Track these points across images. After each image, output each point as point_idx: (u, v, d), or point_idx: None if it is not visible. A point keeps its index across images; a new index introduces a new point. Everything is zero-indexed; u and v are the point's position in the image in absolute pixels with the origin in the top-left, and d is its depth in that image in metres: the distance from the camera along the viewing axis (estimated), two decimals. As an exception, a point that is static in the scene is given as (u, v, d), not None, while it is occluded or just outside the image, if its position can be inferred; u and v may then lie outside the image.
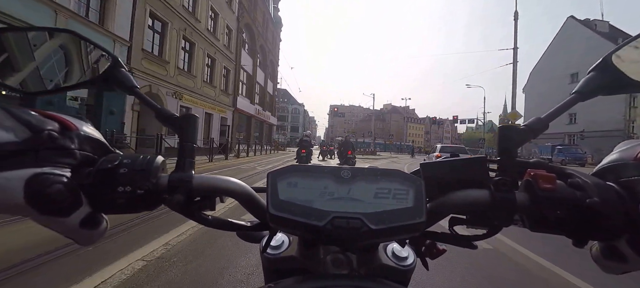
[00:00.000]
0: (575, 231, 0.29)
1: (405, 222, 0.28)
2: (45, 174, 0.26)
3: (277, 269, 0.42)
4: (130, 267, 2.16)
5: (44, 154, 0.27)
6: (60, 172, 0.27)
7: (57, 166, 0.28)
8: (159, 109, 0.37)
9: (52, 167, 0.27)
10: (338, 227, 0.27)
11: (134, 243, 2.60)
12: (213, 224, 0.36)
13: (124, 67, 0.38)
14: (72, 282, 1.89)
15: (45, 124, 0.28)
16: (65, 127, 0.30)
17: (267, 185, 0.31)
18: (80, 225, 0.29)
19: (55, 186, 0.26)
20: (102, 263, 2.16)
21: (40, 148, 0.27)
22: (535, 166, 0.33)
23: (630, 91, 0.34)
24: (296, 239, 0.43)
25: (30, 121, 0.27)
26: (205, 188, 0.34)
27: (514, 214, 0.31)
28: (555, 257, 2.64)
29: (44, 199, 0.26)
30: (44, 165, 0.27)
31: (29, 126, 0.27)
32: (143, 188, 0.30)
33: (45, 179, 0.26)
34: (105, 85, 0.38)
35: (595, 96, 0.35)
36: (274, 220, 0.29)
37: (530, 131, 0.34)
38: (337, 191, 0.30)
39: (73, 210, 0.28)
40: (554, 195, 0.29)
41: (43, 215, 0.27)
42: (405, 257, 0.41)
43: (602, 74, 0.34)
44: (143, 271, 2.13)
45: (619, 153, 0.32)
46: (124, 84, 0.38)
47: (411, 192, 0.30)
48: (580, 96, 0.34)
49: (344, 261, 0.33)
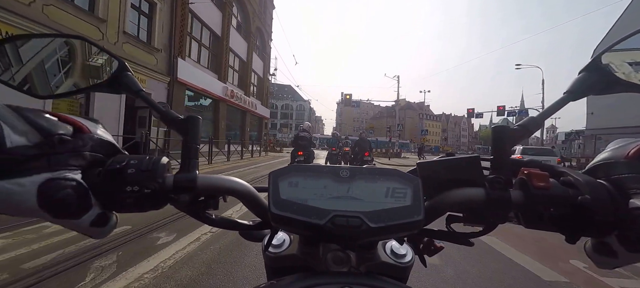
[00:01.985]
0: (568, 228, 0.30)
1: (404, 220, 0.29)
2: (56, 179, 0.27)
3: (279, 267, 0.43)
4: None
5: (56, 158, 0.28)
6: (72, 175, 0.28)
7: (68, 169, 0.29)
8: (164, 111, 0.38)
9: (63, 171, 0.28)
10: (338, 225, 0.28)
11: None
12: (217, 223, 0.37)
13: (130, 71, 0.40)
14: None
15: (57, 127, 0.29)
16: (77, 129, 0.31)
17: (268, 184, 0.32)
18: (92, 224, 0.30)
19: (66, 191, 0.28)
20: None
21: (52, 152, 0.28)
22: (529, 165, 0.33)
23: (620, 90, 0.34)
24: (297, 237, 0.44)
25: (42, 125, 0.28)
26: (209, 187, 0.35)
27: (509, 211, 0.32)
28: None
29: (56, 203, 0.27)
30: (56, 169, 0.28)
31: (41, 130, 0.28)
32: (150, 188, 0.31)
33: (57, 184, 0.27)
34: (111, 88, 0.40)
35: (585, 96, 0.35)
36: (276, 218, 0.30)
37: (524, 130, 0.35)
38: (337, 190, 0.31)
39: (84, 212, 0.29)
40: (547, 192, 0.30)
41: (56, 218, 0.28)
42: (403, 254, 0.42)
43: (593, 75, 0.34)
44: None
45: (611, 151, 0.33)
46: (130, 87, 0.39)
47: (409, 191, 0.31)
48: (571, 96, 0.35)
49: (343, 259, 0.34)
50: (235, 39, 16.88)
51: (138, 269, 2.15)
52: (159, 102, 0.39)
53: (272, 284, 0.31)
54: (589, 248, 0.34)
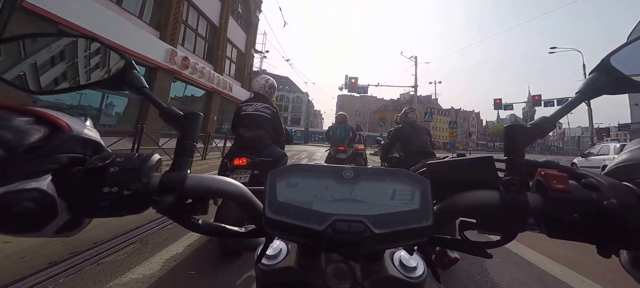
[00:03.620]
0: (597, 237, 0.28)
1: (411, 226, 0.27)
2: (10, 192, 0.25)
3: (272, 283, 0.38)
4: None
5: (13, 168, 0.25)
6: (35, 185, 0.26)
7: (31, 177, 0.26)
8: (165, 108, 0.37)
9: (24, 181, 0.25)
10: (339, 231, 0.26)
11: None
12: (203, 229, 0.34)
13: (136, 69, 0.39)
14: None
15: (25, 136, 0.27)
16: (57, 128, 0.29)
17: (265, 185, 0.29)
18: (57, 232, 0.28)
19: (24, 204, 0.25)
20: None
21: (11, 164, 0.25)
22: (545, 165, 0.32)
23: (630, 90, 0.34)
24: (295, 247, 0.40)
25: (5, 139, 0.26)
26: (199, 189, 0.32)
27: (527, 217, 0.29)
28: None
29: (10, 220, 0.25)
30: (13, 181, 0.25)
31: (4, 145, 0.25)
32: (130, 189, 0.28)
33: (12, 198, 0.25)
34: (114, 85, 0.39)
35: (597, 96, 0.35)
36: (270, 223, 0.28)
37: (538, 130, 0.34)
38: (339, 192, 0.29)
39: (46, 224, 0.27)
40: (568, 196, 0.27)
41: (15, 234, 0.26)
42: (414, 266, 0.37)
43: (603, 75, 0.34)
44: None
45: (630, 152, 0.32)
46: (133, 84, 0.39)
47: (417, 193, 0.29)
48: (583, 96, 0.35)
49: (346, 272, 0.32)
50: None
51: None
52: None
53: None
54: (625, 261, 0.31)
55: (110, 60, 0.42)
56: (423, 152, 3.02)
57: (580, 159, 9.97)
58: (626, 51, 0.34)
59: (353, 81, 20.55)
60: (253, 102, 2.79)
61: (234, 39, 16.10)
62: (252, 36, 18.77)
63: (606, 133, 42.93)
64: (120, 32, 7.78)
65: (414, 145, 3.13)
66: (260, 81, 2.93)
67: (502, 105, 26.95)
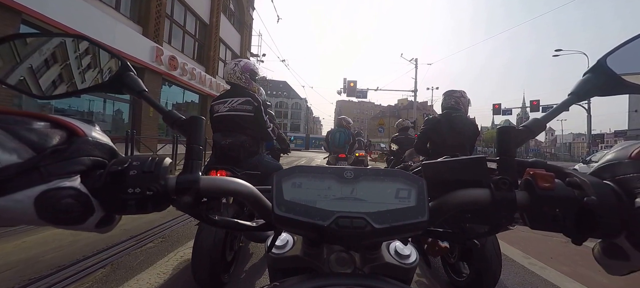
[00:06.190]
0: (574, 229, 0.30)
1: (408, 221, 0.29)
2: (52, 189, 0.27)
3: (282, 268, 0.43)
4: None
5: (49, 169, 0.27)
6: (69, 184, 0.28)
7: (65, 177, 0.28)
8: (167, 112, 0.38)
9: (60, 180, 0.27)
10: (342, 227, 0.28)
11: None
12: (220, 224, 0.37)
13: (133, 71, 0.40)
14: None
15: (49, 138, 0.29)
16: (73, 133, 0.31)
17: (271, 185, 0.31)
18: (96, 226, 0.31)
19: (65, 201, 0.27)
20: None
21: (45, 164, 0.27)
22: (534, 165, 0.34)
23: (624, 92, 0.35)
24: (300, 238, 0.44)
25: (32, 140, 0.28)
26: (212, 189, 0.34)
27: (514, 212, 0.32)
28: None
29: (56, 214, 0.27)
30: (50, 180, 0.27)
31: (32, 145, 0.27)
32: (152, 190, 0.31)
33: (54, 195, 0.27)
34: (113, 89, 0.40)
35: (590, 97, 0.36)
36: (279, 220, 0.30)
37: (529, 131, 0.35)
38: (341, 191, 0.31)
39: (86, 218, 0.29)
40: (552, 193, 0.30)
41: (59, 225, 0.28)
42: (407, 254, 0.41)
43: (598, 77, 0.35)
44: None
45: (615, 152, 0.33)
46: (132, 87, 0.39)
47: (413, 192, 0.30)
48: (575, 98, 0.36)
49: (347, 260, 0.35)
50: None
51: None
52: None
53: (275, 286, 0.31)
54: (598, 252, 0.33)
55: (100, 59, 0.42)
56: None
57: (581, 165, 9.58)
58: (623, 51, 0.35)
59: (352, 84, 19.86)
60: (227, 99, 2.03)
61: (228, 40, 15.32)
62: (246, 38, 18.03)
63: (601, 140, 42.93)
64: (95, 26, 6.94)
65: (447, 146, 2.35)
66: (230, 66, 2.12)
67: (501, 110, 26.52)
